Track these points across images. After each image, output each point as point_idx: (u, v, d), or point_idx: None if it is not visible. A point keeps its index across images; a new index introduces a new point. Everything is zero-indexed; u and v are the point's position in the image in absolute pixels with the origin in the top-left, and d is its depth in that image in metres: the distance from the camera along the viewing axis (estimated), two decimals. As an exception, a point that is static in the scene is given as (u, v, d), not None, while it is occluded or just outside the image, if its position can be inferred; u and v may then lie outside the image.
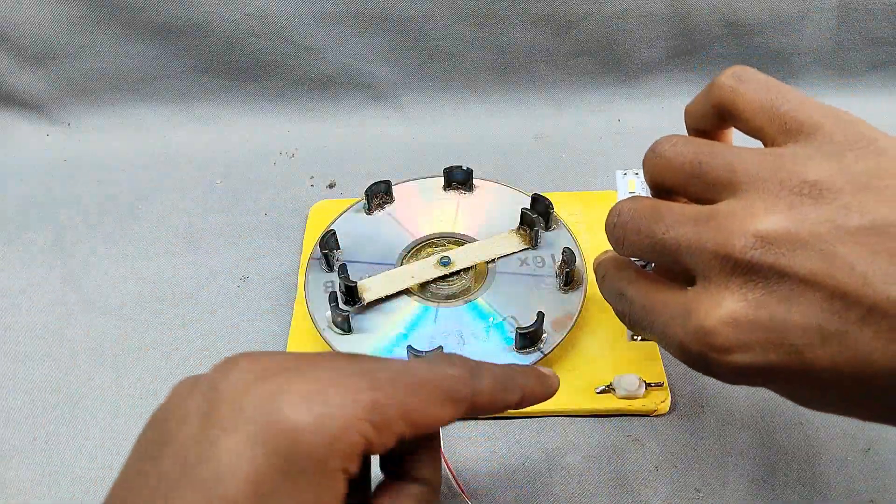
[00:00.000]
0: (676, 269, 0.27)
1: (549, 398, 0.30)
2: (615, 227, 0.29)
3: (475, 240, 0.43)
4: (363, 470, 0.26)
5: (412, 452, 0.26)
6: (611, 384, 0.38)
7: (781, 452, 0.37)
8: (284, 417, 0.22)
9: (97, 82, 0.53)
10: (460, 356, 0.27)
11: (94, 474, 0.37)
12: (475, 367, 0.27)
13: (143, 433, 0.24)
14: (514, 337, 0.37)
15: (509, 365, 0.29)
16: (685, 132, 0.33)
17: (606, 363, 0.39)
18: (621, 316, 0.30)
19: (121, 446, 0.38)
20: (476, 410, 0.26)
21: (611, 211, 0.30)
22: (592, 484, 0.36)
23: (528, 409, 0.37)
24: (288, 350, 0.40)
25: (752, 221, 0.24)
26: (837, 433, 0.37)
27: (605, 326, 0.40)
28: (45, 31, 0.51)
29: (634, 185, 0.36)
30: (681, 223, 0.26)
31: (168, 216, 0.49)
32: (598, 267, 0.33)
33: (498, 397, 0.27)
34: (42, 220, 0.49)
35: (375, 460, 0.27)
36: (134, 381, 0.40)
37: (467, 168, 0.44)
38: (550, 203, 0.42)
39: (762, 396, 0.38)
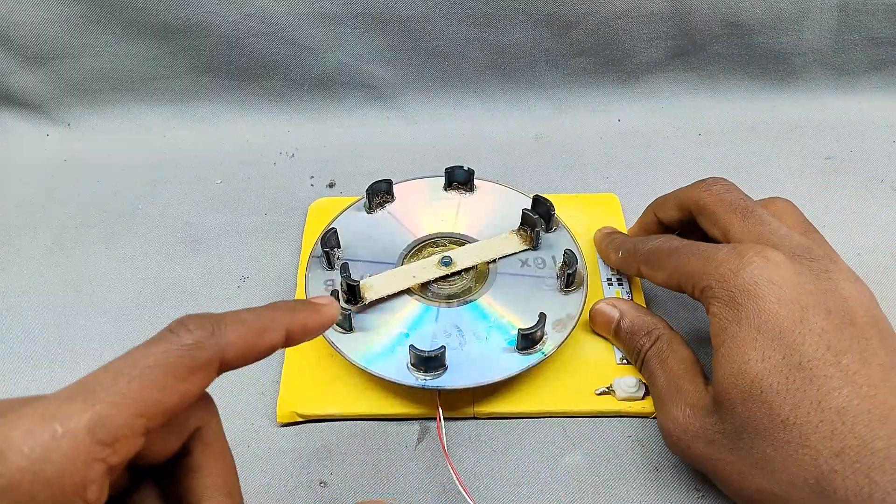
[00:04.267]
0: None
1: (327, 327, 0.28)
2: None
3: (476, 240, 0.43)
4: (127, 488, 0.25)
5: (187, 454, 0.25)
6: (610, 386, 0.38)
7: (781, 452, 0.37)
8: (8, 468, 0.19)
9: (97, 82, 0.53)
10: (199, 315, 0.25)
11: (94, 474, 0.37)
12: (217, 322, 0.25)
13: None
14: (515, 337, 0.37)
15: (270, 304, 0.27)
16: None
17: (606, 365, 0.39)
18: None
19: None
20: (233, 363, 0.25)
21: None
22: (592, 484, 0.36)
23: (529, 409, 0.38)
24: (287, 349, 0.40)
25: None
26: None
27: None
28: (45, 31, 0.51)
29: (619, 292, 0.42)
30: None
31: (168, 216, 0.49)
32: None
33: (254, 342, 0.25)
34: (42, 220, 0.49)
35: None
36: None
37: (469, 168, 0.44)
38: (552, 204, 0.42)
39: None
